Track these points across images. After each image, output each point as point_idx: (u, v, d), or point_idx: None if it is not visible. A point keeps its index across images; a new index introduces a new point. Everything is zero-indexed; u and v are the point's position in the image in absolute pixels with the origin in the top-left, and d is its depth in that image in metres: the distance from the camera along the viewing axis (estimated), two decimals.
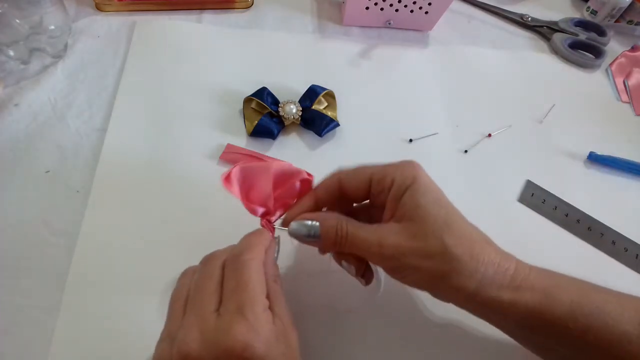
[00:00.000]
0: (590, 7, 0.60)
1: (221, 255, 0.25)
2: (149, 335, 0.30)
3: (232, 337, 0.21)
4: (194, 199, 0.38)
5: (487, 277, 0.24)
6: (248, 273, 0.23)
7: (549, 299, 0.25)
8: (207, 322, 0.22)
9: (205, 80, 0.45)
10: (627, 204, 0.44)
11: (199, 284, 0.24)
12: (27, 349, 0.30)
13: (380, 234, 0.26)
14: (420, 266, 0.25)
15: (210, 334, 0.21)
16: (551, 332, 0.25)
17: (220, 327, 0.21)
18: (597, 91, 0.53)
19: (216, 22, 0.51)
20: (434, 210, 0.25)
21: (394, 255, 0.25)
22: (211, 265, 0.25)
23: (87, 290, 0.32)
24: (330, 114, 0.43)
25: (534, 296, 0.25)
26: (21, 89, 0.42)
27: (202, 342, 0.21)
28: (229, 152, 0.40)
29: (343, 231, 0.26)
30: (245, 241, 0.26)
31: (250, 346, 0.21)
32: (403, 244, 0.25)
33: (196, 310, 0.23)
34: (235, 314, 0.22)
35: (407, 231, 0.25)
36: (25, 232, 0.34)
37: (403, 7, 0.51)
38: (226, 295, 0.23)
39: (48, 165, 0.38)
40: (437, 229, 0.24)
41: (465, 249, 0.24)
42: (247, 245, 0.25)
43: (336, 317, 0.33)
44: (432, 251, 0.24)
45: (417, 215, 0.25)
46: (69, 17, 0.46)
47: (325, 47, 0.51)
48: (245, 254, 0.24)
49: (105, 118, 0.41)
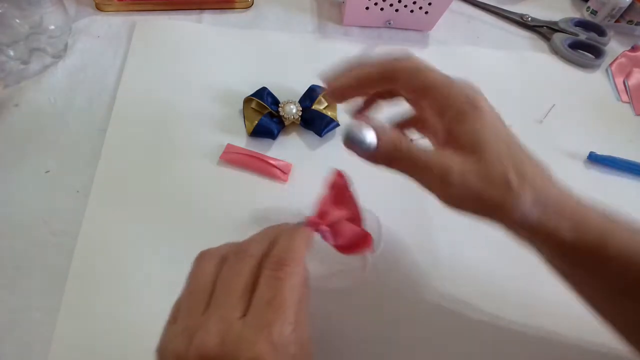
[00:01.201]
0: (590, 7, 0.60)
1: (256, 251, 0.24)
2: (149, 335, 0.30)
3: (253, 353, 0.20)
4: (194, 199, 0.38)
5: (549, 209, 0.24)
6: (288, 290, 0.22)
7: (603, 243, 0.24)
8: (232, 329, 0.21)
9: (205, 80, 0.45)
10: (627, 204, 0.43)
11: (228, 282, 0.23)
12: (27, 349, 0.30)
13: (445, 159, 0.24)
14: (483, 191, 0.23)
15: (232, 342, 0.20)
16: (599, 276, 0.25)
17: (244, 338, 0.20)
18: (597, 91, 0.53)
19: (216, 22, 0.51)
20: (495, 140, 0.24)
21: (458, 181, 0.23)
22: (244, 263, 0.23)
23: (87, 290, 0.32)
24: (330, 114, 0.43)
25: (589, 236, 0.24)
26: (21, 89, 0.42)
27: (222, 348, 0.20)
28: (229, 152, 0.40)
29: (403, 145, 0.24)
30: (289, 244, 0.24)
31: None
32: (468, 168, 0.23)
33: (221, 312, 0.21)
34: (263, 328, 0.20)
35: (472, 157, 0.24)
36: (25, 232, 0.34)
37: (403, 7, 0.51)
38: (258, 305, 0.21)
39: (48, 165, 0.38)
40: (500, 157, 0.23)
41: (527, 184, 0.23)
42: (291, 250, 0.23)
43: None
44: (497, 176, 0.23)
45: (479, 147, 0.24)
46: (69, 17, 0.46)
47: (325, 47, 0.51)
48: (289, 265, 0.22)
49: (105, 118, 0.41)
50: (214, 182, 0.39)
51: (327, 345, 0.32)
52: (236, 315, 0.21)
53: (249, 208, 0.38)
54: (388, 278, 0.35)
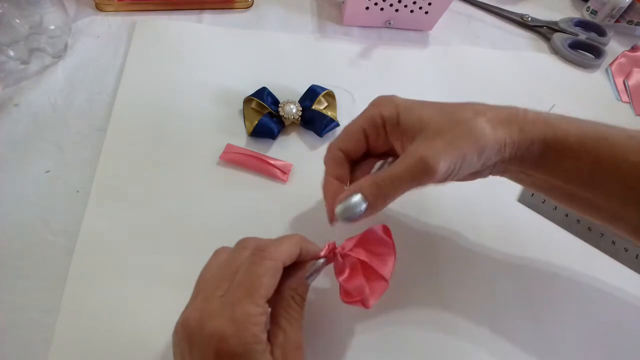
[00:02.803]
0: (590, 7, 0.60)
1: (251, 244, 0.25)
2: (149, 335, 0.31)
3: (214, 325, 0.21)
4: (194, 199, 0.38)
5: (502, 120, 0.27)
6: (259, 271, 0.23)
7: (560, 131, 0.27)
8: (209, 305, 0.22)
9: (205, 80, 0.45)
10: None
11: (220, 269, 0.25)
12: (27, 349, 0.30)
13: (413, 154, 0.26)
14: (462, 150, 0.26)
15: (205, 317, 0.22)
16: (567, 168, 0.28)
17: (213, 312, 0.22)
18: (597, 91, 0.53)
19: (216, 22, 0.51)
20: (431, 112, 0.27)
21: (441, 158, 0.25)
22: (237, 254, 0.25)
23: (87, 291, 0.32)
24: (330, 114, 0.43)
25: (547, 129, 0.27)
26: (21, 89, 0.42)
27: (198, 321, 0.22)
28: (229, 152, 0.40)
29: (383, 180, 0.26)
30: (277, 241, 0.26)
31: (225, 340, 0.21)
32: (436, 145, 0.26)
33: (206, 293, 0.24)
34: (229, 305, 0.22)
35: (429, 137, 0.26)
36: (25, 232, 0.34)
37: (403, 7, 0.51)
38: (233, 286, 0.23)
39: (48, 165, 0.38)
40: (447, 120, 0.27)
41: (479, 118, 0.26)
42: (275, 244, 0.25)
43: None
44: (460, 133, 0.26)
45: (424, 123, 0.27)
46: (69, 17, 0.46)
47: (325, 47, 0.51)
48: (268, 252, 0.24)
49: (105, 118, 0.41)
50: (214, 182, 0.39)
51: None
52: (218, 294, 0.23)
53: (249, 208, 0.38)
54: None
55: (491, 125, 0.26)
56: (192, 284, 0.26)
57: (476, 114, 0.27)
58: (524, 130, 0.27)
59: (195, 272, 0.26)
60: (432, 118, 0.27)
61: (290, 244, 0.26)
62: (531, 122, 0.27)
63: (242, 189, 0.39)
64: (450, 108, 0.28)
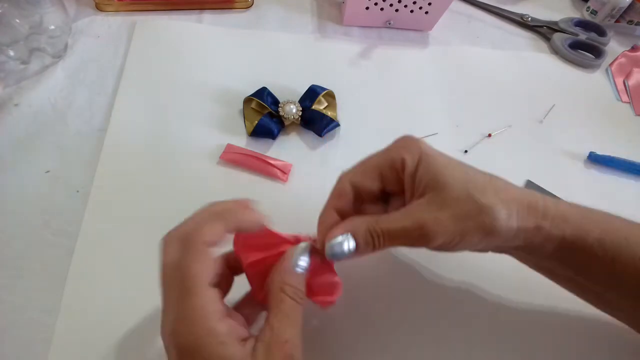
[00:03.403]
0: (590, 7, 0.60)
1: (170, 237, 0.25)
2: (149, 336, 0.31)
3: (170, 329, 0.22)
4: (194, 199, 0.38)
5: (522, 212, 0.25)
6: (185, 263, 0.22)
7: (579, 230, 0.26)
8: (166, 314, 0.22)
9: (205, 80, 0.45)
10: (627, 204, 0.44)
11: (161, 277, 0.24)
12: (27, 349, 0.30)
13: (414, 216, 0.25)
14: (466, 228, 0.25)
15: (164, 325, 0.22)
16: (581, 263, 0.27)
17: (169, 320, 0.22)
18: (597, 91, 0.53)
19: (216, 22, 0.51)
20: (450, 172, 0.25)
21: (438, 230, 0.24)
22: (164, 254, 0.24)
23: (87, 291, 0.32)
24: (330, 114, 0.43)
25: (566, 227, 0.26)
26: (21, 89, 0.42)
27: (163, 333, 0.22)
28: (229, 152, 0.40)
29: (377, 231, 0.26)
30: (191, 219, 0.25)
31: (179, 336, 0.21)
32: (440, 215, 0.24)
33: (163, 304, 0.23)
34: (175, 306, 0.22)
35: (437, 201, 0.25)
36: (25, 232, 0.34)
37: (403, 7, 0.51)
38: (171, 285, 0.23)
39: (48, 165, 0.38)
40: (462, 188, 0.25)
41: (494, 197, 0.25)
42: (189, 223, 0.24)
43: None
44: (469, 210, 0.24)
45: (439, 183, 0.25)
46: (69, 17, 0.46)
47: (325, 47, 0.51)
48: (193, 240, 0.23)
49: (105, 118, 0.41)
50: (214, 182, 0.39)
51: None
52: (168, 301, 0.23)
53: None
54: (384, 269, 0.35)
55: (507, 212, 0.25)
56: None
57: (496, 193, 0.25)
58: (541, 227, 0.25)
59: None
60: (450, 182, 0.25)
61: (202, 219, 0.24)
62: (550, 218, 0.26)
63: (242, 189, 0.39)
64: (472, 177, 0.26)
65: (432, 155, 0.26)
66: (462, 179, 0.25)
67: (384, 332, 0.33)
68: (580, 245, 0.26)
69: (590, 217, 0.27)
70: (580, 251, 0.26)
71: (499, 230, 0.25)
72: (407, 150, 0.27)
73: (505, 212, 0.24)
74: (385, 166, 0.27)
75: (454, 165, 0.26)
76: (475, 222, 0.24)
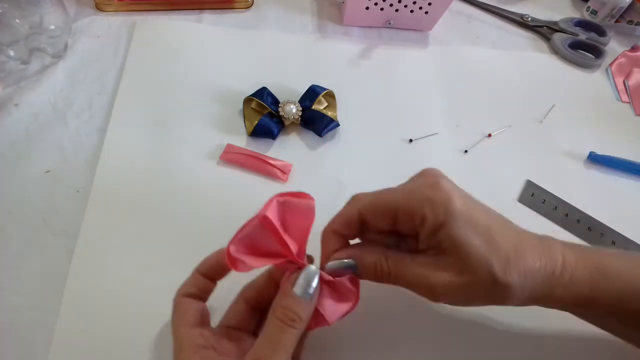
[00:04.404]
0: (590, 7, 0.60)
1: None
2: (149, 336, 0.31)
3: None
4: (194, 199, 0.38)
5: (536, 284, 0.25)
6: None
7: (597, 291, 0.25)
8: None
9: (205, 80, 0.45)
10: (627, 204, 0.44)
11: None
12: (27, 349, 0.30)
13: (427, 274, 0.25)
14: (476, 297, 0.25)
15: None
16: (604, 314, 0.27)
17: None
18: (597, 91, 0.53)
19: (216, 22, 0.51)
20: (474, 241, 0.24)
21: (447, 294, 0.25)
22: None
23: (87, 290, 0.32)
24: (330, 114, 0.43)
25: (581, 290, 0.25)
26: (21, 89, 0.42)
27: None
28: (229, 152, 0.40)
29: (384, 269, 0.25)
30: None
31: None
32: (454, 282, 0.24)
33: None
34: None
35: (454, 268, 0.24)
36: (25, 232, 0.34)
37: (403, 7, 0.51)
38: None
39: (48, 165, 0.38)
40: (482, 260, 0.23)
41: (512, 271, 0.24)
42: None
43: None
44: (484, 283, 0.24)
45: (460, 252, 0.24)
46: (69, 17, 0.46)
47: (325, 47, 0.51)
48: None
49: (105, 118, 0.41)
50: (214, 182, 0.39)
51: None
52: None
53: (249, 208, 0.37)
54: None
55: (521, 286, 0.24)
56: None
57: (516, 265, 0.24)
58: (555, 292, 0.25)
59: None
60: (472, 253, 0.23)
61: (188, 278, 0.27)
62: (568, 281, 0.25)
63: (242, 189, 0.39)
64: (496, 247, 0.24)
65: (459, 219, 0.24)
66: (485, 251, 0.24)
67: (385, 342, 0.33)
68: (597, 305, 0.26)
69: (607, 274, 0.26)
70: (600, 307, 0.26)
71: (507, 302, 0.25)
72: (431, 205, 0.24)
73: (519, 286, 0.24)
74: (402, 212, 0.25)
75: (481, 232, 0.24)
76: (487, 293, 0.24)
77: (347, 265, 0.26)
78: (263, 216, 0.24)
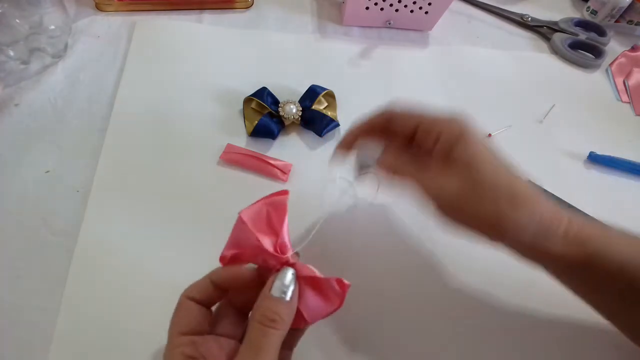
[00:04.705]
0: (590, 7, 0.60)
1: None
2: (149, 336, 0.30)
3: None
4: (194, 199, 0.38)
5: (541, 230, 0.25)
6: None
7: (599, 256, 0.25)
8: None
9: (205, 80, 0.45)
10: (627, 204, 0.44)
11: None
12: (27, 349, 0.30)
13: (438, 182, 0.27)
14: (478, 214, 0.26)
15: None
16: (598, 285, 0.27)
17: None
18: (597, 91, 0.53)
19: (216, 22, 0.51)
20: (483, 168, 0.26)
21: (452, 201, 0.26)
22: None
23: (87, 290, 0.32)
24: (330, 114, 0.43)
25: (585, 250, 0.25)
26: (21, 89, 0.42)
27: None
28: (229, 152, 0.40)
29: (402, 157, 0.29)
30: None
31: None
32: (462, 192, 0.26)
33: None
34: None
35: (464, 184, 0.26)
36: (25, 232, 0.34)
37: (403, 7, 0.51)
38: None
39: (48, 165, 0.38)
40: (489, 190, 0.25)
41: (519, 208, 0.25)
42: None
43: None
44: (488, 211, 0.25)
45: (469, 174, 0.26)
46: (69, 17, 0.46)
47: (325, 47, 0.51)
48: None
49: (105, 118, 0.41)
50: (214, 182, 0.39)
51: None
52: None
53: None
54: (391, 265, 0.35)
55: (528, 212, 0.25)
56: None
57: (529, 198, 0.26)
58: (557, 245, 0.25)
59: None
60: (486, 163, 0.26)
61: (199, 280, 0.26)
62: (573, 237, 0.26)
63: (242, 189, 0.39)
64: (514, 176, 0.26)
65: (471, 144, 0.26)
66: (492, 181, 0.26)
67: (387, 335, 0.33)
68: (598, 270, 0.26)
69: (611, 241, 0.26)
70: (598, 274, 0.26)
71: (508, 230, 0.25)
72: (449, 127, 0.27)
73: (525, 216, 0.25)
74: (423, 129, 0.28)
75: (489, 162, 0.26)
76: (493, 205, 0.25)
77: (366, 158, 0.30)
78: (239, 216, 0.26)
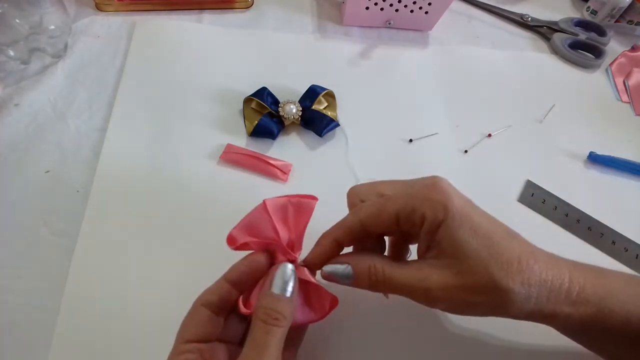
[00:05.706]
0: (590, 7, 0.60)
1: None
2: (149, 336, 0.31)
3: None
4: (194, 199, 0.38)
5: (542, 297, 0.24)
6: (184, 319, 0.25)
7: (604, 312, 0.24)
8: None
9: (205, 80, 0.45)
10: (627, 204, 0.44)
11: None
12: (27, 349, 0.30)
13: (423, 275, 0.24)
14: (474, 302, 0.24)
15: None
16: (608, 338, 0.26)
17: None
18: (597, 91, 0.53)
19: (216, 22, 0.51)
20: (473, 242, 0.23)
21: (443, 297, 0.24)
22: None
23: (87, 290, 0.32)
24: (330, 114, 0.43)
25: (588, 309, 0.24)
26: (21, 89, 0.42)
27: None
28: (229, 152, 0.40)
29: (378, 272, 0.25)
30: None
31: None
32: (450, 283, 0.23)
33: None
34: None
35: (451, 269, 0.24)
36: (25, 232, 0.34)
37: (403, 7, 0.51)
38: None
39: (48, 165, 0.38)
40: (481, 262, 0.23)
41: (515, 277, 0.23)
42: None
43: None
44: (482, 286, 0.23)
45: (458, 252, 0.24)
46: (69, 17, 0.46)
47: (325, 47, 0.51)
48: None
49: (105, 118, 0.41)
50: (214, 182, 0.39)
51: None
52: None
53: (249, 208, 0.38)
54: None
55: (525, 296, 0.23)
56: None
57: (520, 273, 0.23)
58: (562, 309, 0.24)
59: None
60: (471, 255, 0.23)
61: (213, 284, 0.26)
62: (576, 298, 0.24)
63: (242, 189, 0.39)
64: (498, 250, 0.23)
65: (457, 217, 0.24)
66: (486, 254, 0.23)
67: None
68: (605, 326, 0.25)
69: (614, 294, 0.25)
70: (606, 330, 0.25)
71: (509, 311, 0.24)
72: (430, 205, 0.24)
73: (523, 294, 0.23)
74: (403, 216, 0.25)
75: (481, 234, 0.24)
76: (487, 298, 0.23)
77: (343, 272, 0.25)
78: (264, 201, 0.26)
